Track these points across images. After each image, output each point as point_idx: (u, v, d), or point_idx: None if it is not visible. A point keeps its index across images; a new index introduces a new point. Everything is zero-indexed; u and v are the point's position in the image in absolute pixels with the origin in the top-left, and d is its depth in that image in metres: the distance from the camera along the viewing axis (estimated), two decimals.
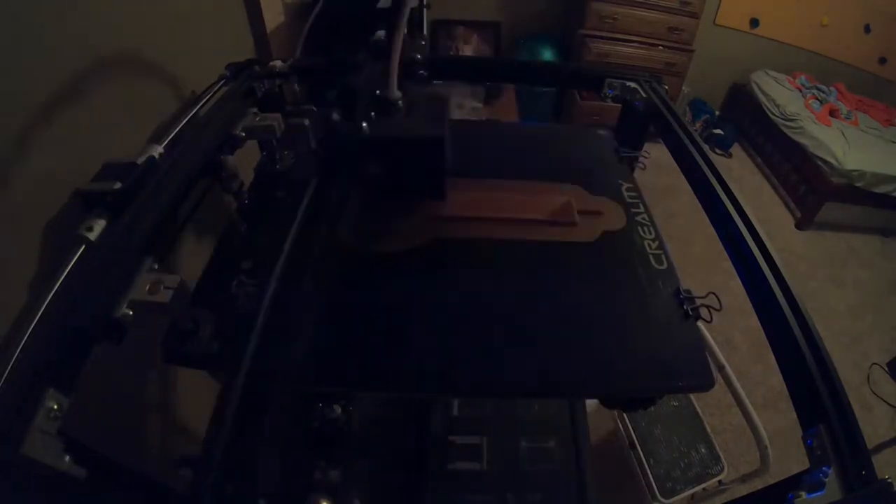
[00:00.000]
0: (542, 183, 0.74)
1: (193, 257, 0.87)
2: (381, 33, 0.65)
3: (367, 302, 0.57)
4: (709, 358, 0.60)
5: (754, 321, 0.52)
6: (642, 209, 0.73)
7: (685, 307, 0.59)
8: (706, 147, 0.70)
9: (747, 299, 0.54)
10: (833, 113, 2.99)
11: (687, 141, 0.72)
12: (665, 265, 0.64)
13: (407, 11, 0.51)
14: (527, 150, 0.86)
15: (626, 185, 0.77)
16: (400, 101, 0.57)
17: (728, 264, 0.58)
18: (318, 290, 0.59)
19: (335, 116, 0.54)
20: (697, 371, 0.53)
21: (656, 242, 0.68)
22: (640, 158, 0.87)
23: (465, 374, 0.52)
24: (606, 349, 0.55)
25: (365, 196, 0.67)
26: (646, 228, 0.70)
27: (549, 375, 0.53)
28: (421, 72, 0.67)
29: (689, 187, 0.69)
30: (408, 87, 0.59)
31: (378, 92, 0.57)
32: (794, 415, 0.45)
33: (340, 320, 0.55)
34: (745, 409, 0.98)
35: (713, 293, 0.59)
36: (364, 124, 0.55)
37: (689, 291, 0.60)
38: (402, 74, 0.56)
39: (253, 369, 0.42)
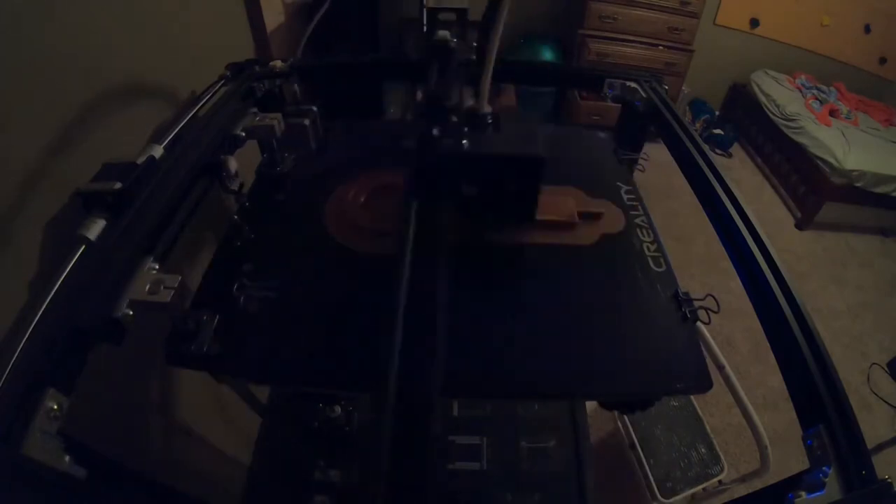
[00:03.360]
0: (541, 185, 0.74)
1: (193, 257, 0.87)
2: (444, 33, 0.62)
3: (365, 303, 0.57)
4: (708, 358, 0.60)
5: (754, 321, 0.52)
6: (641, 211, 0.73)
7: (683, 309, 0.59)
8: (706, 147, 0.70)
9: (747, 299, 0.54)
10: (833, 113, 2.99)
11: (687, 141, 0.72)
12: (664, 268, 0.64)
13: (504, 15, 0.49)
14: None
15: (625, 188, 0.77)
16: (489, 118, 0.56)
17: (728, 264, 0.58)
18: (318, 291, 0.59)
19: (436, 131, 0.51)
20: (695, 373, 0.53)
21: (655, 245, 0.68)
22: (640, 160, 0.87)
23: (464, 375, 0.52)
24: (605, 351, 0.55)
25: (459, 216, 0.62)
26: (644, 231, 0.70)
27: (547, 377, 0.53)
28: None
29: (689, 187, 0.69)
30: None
31: (469, 104, 0.54)
32: (794, 415, 0.45)
33: (339, 322, 0.55)
34: (745, 409, 0.98)
35: (711, 295, 0.59)
36: (465, 141, 0.52)
37: (687, 294, 0.60)
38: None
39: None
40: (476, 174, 0.56)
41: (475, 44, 0.62)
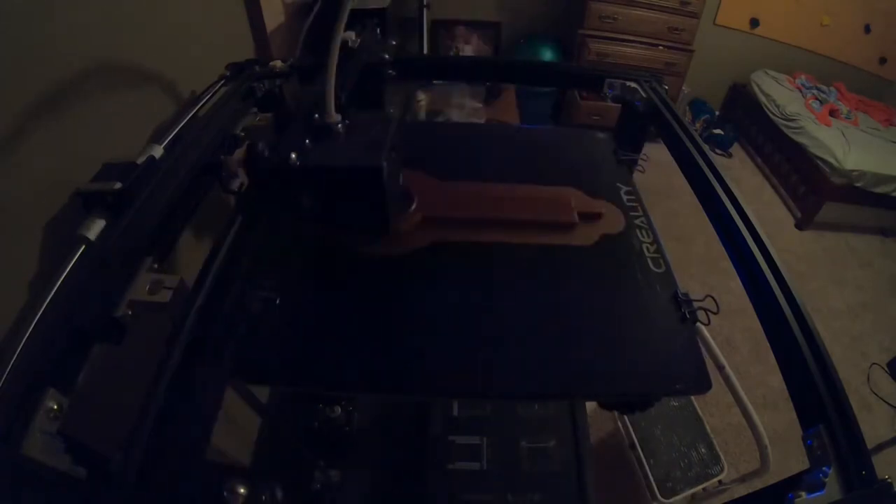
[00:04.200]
0: (541, 186, 0.75)
1: (193, 257, 0.87)
2: (349, 33, 0.60)
3: (366, 304, 0.57)
4: (708, 358, 0.60)
5: (754, 321, 0.52)
6: (641, 212, 0.73)
7: (683, 310, 0.59)
8: (706, 147, 0.70)
9: (747, 299, 0.54)
10: (833, 113, 2.99)
11: (687, 141, 0.72)
12: (663, 268, 0.64)
13: (344, 20, 0.47)
14: (526, 153, 0.86)
15: (624, 189, 0.77)
16: (340, 125, 0.52)
17: (728, 264, 0.58)
18: (318, 292, 0.59)
19: (261, 145, 0.48)
20: (695, 374, 0.53)
21: (654, 246, 0.68)
22: (639, 161, 0.87)
23: (463, 376, 0.52)
24: (604, 352, 0.55)
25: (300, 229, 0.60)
26: (644, 232, 0.70)
27: (547, 378, 0.53)
28: (390, 72, 0.63)
29: (689, 187, 0.69)
30: (366, 102, 0.53)
31: (316, 116, 0.51)
32: (794, 415, 0.45)
33: (339, 323, 0.55)
34: (745, 409, 0.98)
35: (711, 296, 0.59)
36: (293, 154, 0.49)
37: (686, 294, 0.60)
38: (369, 82, 0.52)
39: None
40: (313, 187, 0.53)
41: (393, 42, 0.60)
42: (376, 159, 0.51)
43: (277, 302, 0.56)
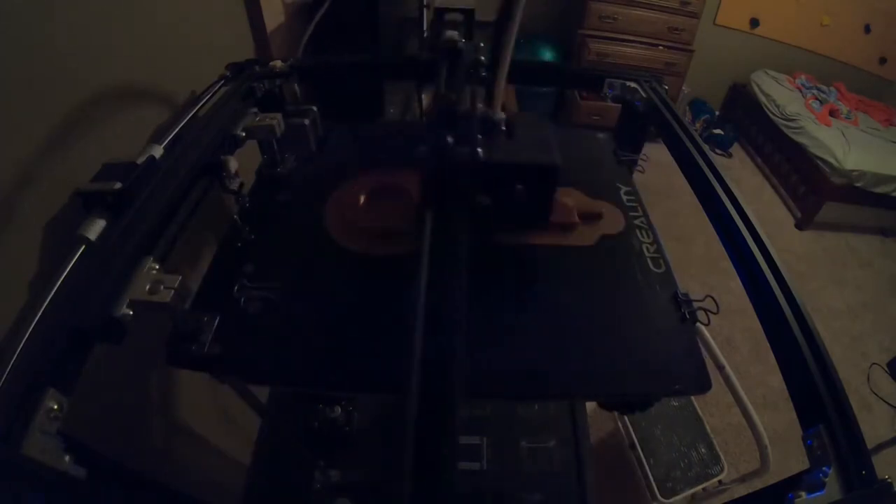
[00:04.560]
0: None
1: (193, 257, 0.87)
2: (452, 34, 0.60)
3: (365, 304, 0.57)
4: (708, 358, 0.60)
5: (754, 321, 0.52)
6: (641, 212, 0.73)
7: (683, 310, 0.59)
8: (706, 147, 0.70)
9: (747, 299, 0.54)
10: (833, 113, 2.99)
11: (687, 141, 0.72)
12: (663, 269, 0.64)
13: (519, 17, 0.48)
14: None
15: (624, 189, 0.77)
16: (503, 124, 0.54)
17: (728, 264, 0.58)
18: (319, 292, 0.59)
19: (450, 139, 0.48)
20: (695, 374, 0.53)
21: (654, 246, 0.68)
22: (639, 161, 0.87)
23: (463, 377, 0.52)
24: (604, 352, 0.55)
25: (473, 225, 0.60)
26: (644, 232, 0.70)
27: (547, 378, 0.53)
28: (483, 73, 0.63)
29: (689, 187, 0.69)
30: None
31: (482, 112, 0.53)
32: (794, 415, 0.45)
33: (338, 323, 0.55)
34: (745, 409, 0.98)
35: (711, 296, 0.59)
36: (479, 149, 0.50)
37: (686, 294, 0.60)
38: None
39: None
40: (491, 183, 0.55)
41: (482, 44, 0.61)
42: (553, 158, 0.54)
43: (276, 301, 0.56)
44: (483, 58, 0.61)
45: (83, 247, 0.48)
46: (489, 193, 0.56)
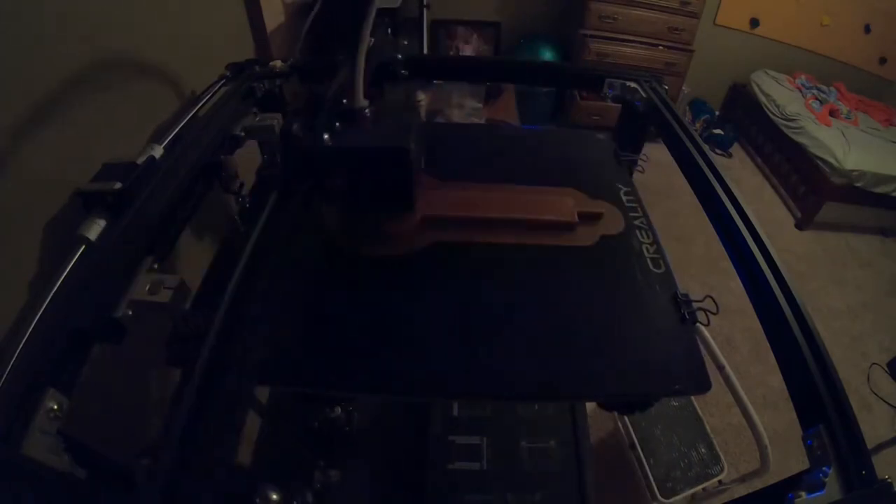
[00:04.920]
0: (541, 187, 0.74)
1: (193, 257, 0.87)
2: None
3: (367, 306, 0.57)
4: (708, 358, 0.60)
5: (754, 321, 0.52)
6: (640, 213, 0.73)
7: (682, 311, 0.59)
8: (706, 147, 0.70)
9: (747, 299, 0.54)
10: (833, 113, 2.99)
11: (687, 141, 0.72)
12: (663, 269, 0.64)
13: (372, 15, 0.51)
14: (526, 153, 0.86)
15: (624, 189, 0.77)
16: (367, 111, 0.56)
17: (728, 264, 0.58)
18: (319, 293, 0.59)
19: (295, 127, 0.53)
20: (694, 374, 0.53)
21: (654, 246, 0.68)
22: (639, 161, 0.87)
23: (463, 377, 0.52)
24: (604, 353, 0.55)
25: (331, 207, 0.65)
26: (644, 232, 0.70)
27: (547, 379, 0.53)
28: (402, 71, 0.66)
29: (689, 187, 0.69)
30: (378, 94, 0.58)
31: (344, 101, 0.55)
32: (794, 415, 0.45)
33: (339, 324, 0.55)
34: (745, 409, 0.97)
35: (710, 297, 0.59)
36: (325, 135, 0.53)
37: (686, 295, 0.60)
38: (378, 78, 0.55)
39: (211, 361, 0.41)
40: (343, 167, 0.57)
41: (405, 42, 0.64)
42: (404, 141, 0.55)
43: (279, 303, 0.56)
44: (400, 56, 0.63)
45: (83, 247, 0.48)
46: (347, 177, 0.58)
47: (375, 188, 0.60)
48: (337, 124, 0.55)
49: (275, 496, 0.41)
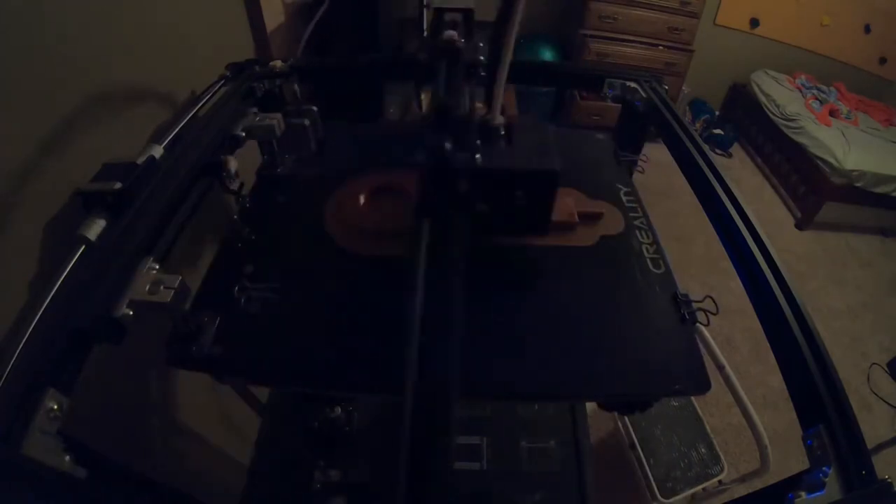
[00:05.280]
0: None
1: (193, 257, 0.87)
2: (451, 33, 0.60)
3: (366, 305, 0.57)
4: (708, 358, 0.60)
5: (754, 321, 0.52)
6: (640, 213, 0.73)
7: (682, 311, 0.59)
8: (706, 147, 0.70)
9: (747, 299, 0.54)
10: (833, 113, 2.99)
11: (687, 141, 0.72)
12: (662, 269, 0.64)
13: (517, 21, 0.47)
14: None
15: (624, 190, 0.77)
16: (502, 129, 0.54)
17: (728, 264, 0.58)
18: (319, 293, 0.59)
19: (448, 145, 0.47)
20: (694, 374, 0.53)
21: (654, 247, 0.68)
22: (639, 161, 0.87)
23: (464, 376, 0.52)
24: (604, 353, 0.55)
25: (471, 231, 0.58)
26: (644, 233, 0.70)
27: (546, 379, 0.53)
28: (482, 73, 0.63)
29: (689, 187, 0.69)
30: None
31: (480, 116, 0.52)
32: (794, 415, 0.45)
33: (337, 323, 0.55)
34: (745, 409, 0.98)
35: (710, 297, 0.59)
36: (477, 155, 0.50)
37: (686, 295, 0.60)
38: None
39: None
40: (489, 189, 0.54)
41: (481, 44, 0.61)
42: (553, 164, 0.53)
43: (276, 302, 0.56)
44: (482, 58, 0.60)
45: (83, 247, 0.48)
46: (487, 200, 0.55)
47: (517, 211, 0.57)
48: (478, 142, 0.52)
49: None
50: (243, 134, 0.69)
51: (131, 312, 0.46)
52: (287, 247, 0.65)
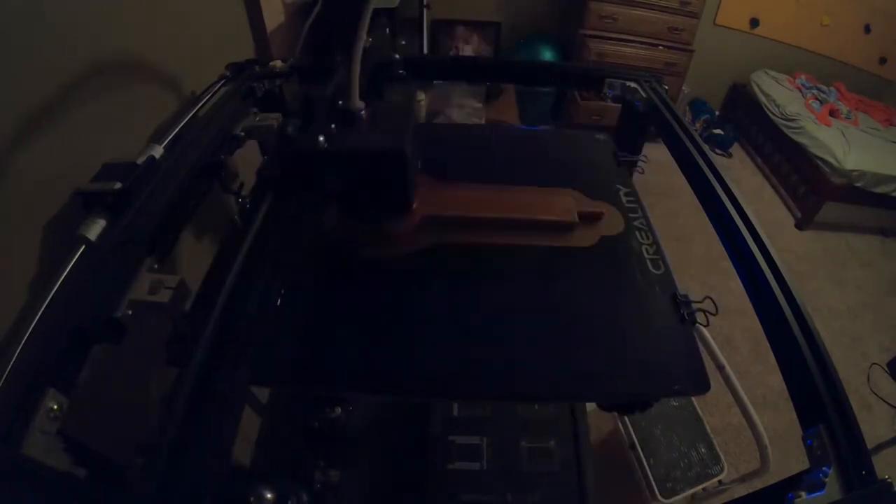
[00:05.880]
0: (540, 188, 0.75)
1: (193, 257, 0.87)
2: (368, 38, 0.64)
3: (366, 306, 0.57)
4: (708, 358, 0.60)
5: (754, 321, 0.52)
6: (640, 214, 0.73)
7: (682, 311, 0.59)
8: (706, 147, 0.70)
9: (747, 299, 0.54)
10: (833, 113, 2.99)
11: (687, 141, 0.72)
12: (662, 270, 0.64)
13: (368, 14, 0.50)
14: (526, 154, 0.86)
15: (624, 190, 0.77)
16: (363, 112, 0.56)
17: (728, 264, 0.58)
18: (319, 293, 0.59)
19: (290, 129, 0.52)
20: (694, 375, 0.53)
21: (654, 247, 0.68)
22: (639, 162, 0.87)
23: (463, 378, 0.52)
24: (604, 353, 0.55)
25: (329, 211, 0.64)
26: (643, 233, 0.70)
27: (546, 379, 0.53)
28: (400, 71, 0.66)
29: (689, 187, 0.69)
30: (377, 95, 0.57)
31: (340, 102, 0.55)
32: (794, 415, 0.45)
33: (339, 325, 0.55)
34: (745, 409, 0.97)
35: (710, 297, 0.59)
36: (321, 137, 0.52)
37: (686, 296, 0.60)
38: (376, 79, 0.55)
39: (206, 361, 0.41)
40: (341, 169, 0.57)
41: (403, 42, 0.63)
42: (399, 142, 0.55)
43: (278, 304, 0.56)
44: (398, 56, 0.63)
45: (83, 247, 0.48)
46: (341, 179, 0.57)
47: (372, 190, 0.60)
48: (332, 126, 0.54)
49: (269, 495, 0.40)
50: (243, 134, 0.69)
51: (131, 312, 0.46)
52: (287, 247, 0.65)
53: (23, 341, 0.39)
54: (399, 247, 0.63)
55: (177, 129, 0.66)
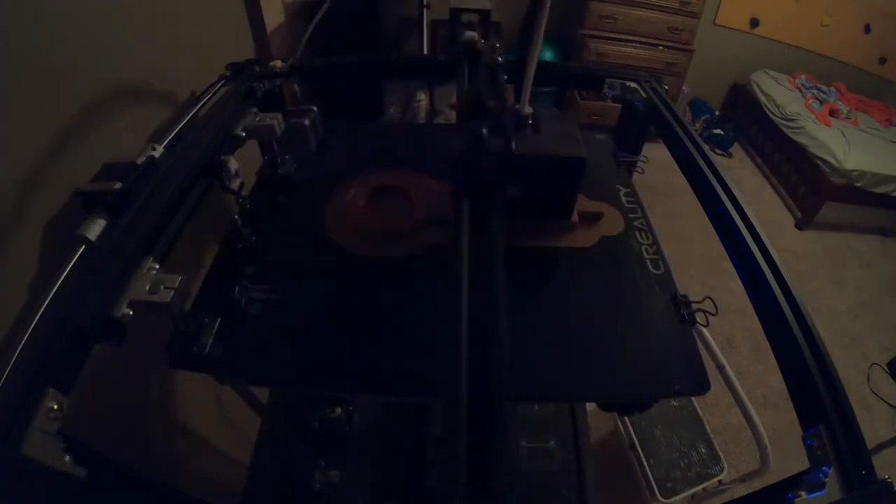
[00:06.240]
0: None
1: (193, 257, 0.87)
2: (471, 34, 0.64)
3: (365, 305, 0.57)
4: (708, 358, 0.60)
5: (754, 321, 0.52)
6: (640, 214, 0.73)
7: (682, 312, 0.59)
8: (706, 147, 0.70)
9: (747, 299, 0.54)
10: (833, 113, 2.99)
11: (687, 141, 0.72)
12: (662, 270, 0.65)
13: (544, 18, 0.49)
14: None
15: (624, 190, 0.77)
16: (530, 118, 0.57)
17: (728, 264, 0.58)
18: (319, 293, 0.59)
19: (485, 132, 0.52)
20: (693, 375, 0.53)
21: (654, 247, 0.68)
22: (639, 162, 0.87)
23: (462, 377, 0.52)
24: (603, 354, 0.55)
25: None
26: (643, 233, 0.70)
27: (546, 379, 0.53)
28: (504, 77, 0.66)
29: (689, 187, 0.69)
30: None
31: (511, 106, 0.56)
32: (794, 415, 0.45)
33: (338, 324, 0.55)
34: (745, 409, 0.98)
35: (710, 297, 0.59)
36: (514, 143, 0.53)
37: (685, 296, 0.60)
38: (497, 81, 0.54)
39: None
40: (522, 174, 0.58)
41: (497, 44, 0.63)
42: (579, 150, 0.56)
43: (277, 303, 0.56)
44: (500, 58, 0.63)
45: (83, 247, 0.48)
46: (519, 184, 0.58)
47: (545, 196, 0.61)
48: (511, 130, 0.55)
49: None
50: (243, 134, 0.69)
51: (131, 312, 0.46)
52: (288, 247, 0.65)
53: (23, 341, 0.39)
54: (399, 246, 0.63)
55: (177, 129, 0.66)
